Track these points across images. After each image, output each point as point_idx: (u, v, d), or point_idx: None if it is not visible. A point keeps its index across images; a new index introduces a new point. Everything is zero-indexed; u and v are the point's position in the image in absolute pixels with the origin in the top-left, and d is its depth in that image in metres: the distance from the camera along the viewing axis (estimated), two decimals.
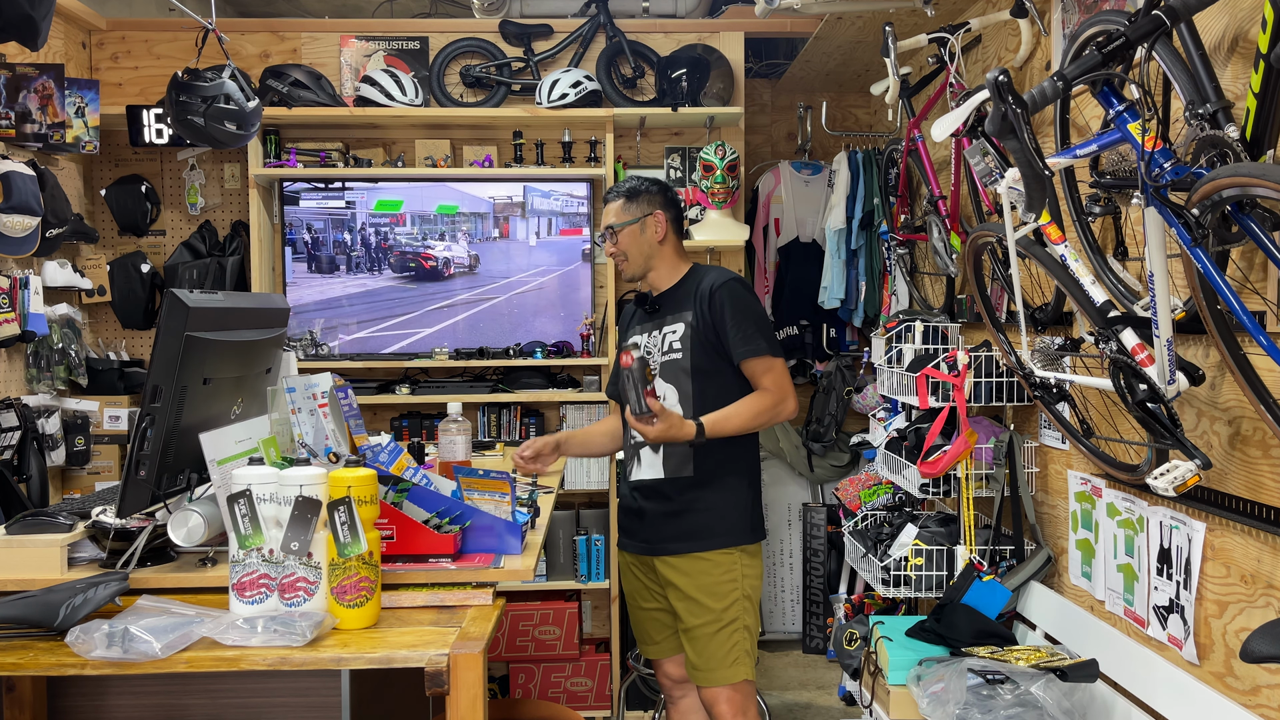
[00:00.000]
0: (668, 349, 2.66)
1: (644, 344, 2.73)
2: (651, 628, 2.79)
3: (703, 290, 2.64)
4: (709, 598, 2.59)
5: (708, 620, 2.59)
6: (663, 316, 2.72)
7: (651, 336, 2.72)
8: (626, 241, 2.72)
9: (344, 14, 5.01)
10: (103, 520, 1.89)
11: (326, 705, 1.78)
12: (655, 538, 2.67)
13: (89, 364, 4.01)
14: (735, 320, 2.59)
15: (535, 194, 4.29)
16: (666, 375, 2.65)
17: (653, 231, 2.72)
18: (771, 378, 2.59)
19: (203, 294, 1.85)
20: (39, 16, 2.28)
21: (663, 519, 2.65)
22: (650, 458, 2.67)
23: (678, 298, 2.71)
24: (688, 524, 2.62)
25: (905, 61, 3.78)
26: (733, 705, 2.61)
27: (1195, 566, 2.11)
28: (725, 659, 2.58)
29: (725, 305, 2.60)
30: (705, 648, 2.59)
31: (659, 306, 2.74)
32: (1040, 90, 1.95)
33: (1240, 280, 1.94)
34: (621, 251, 2.73)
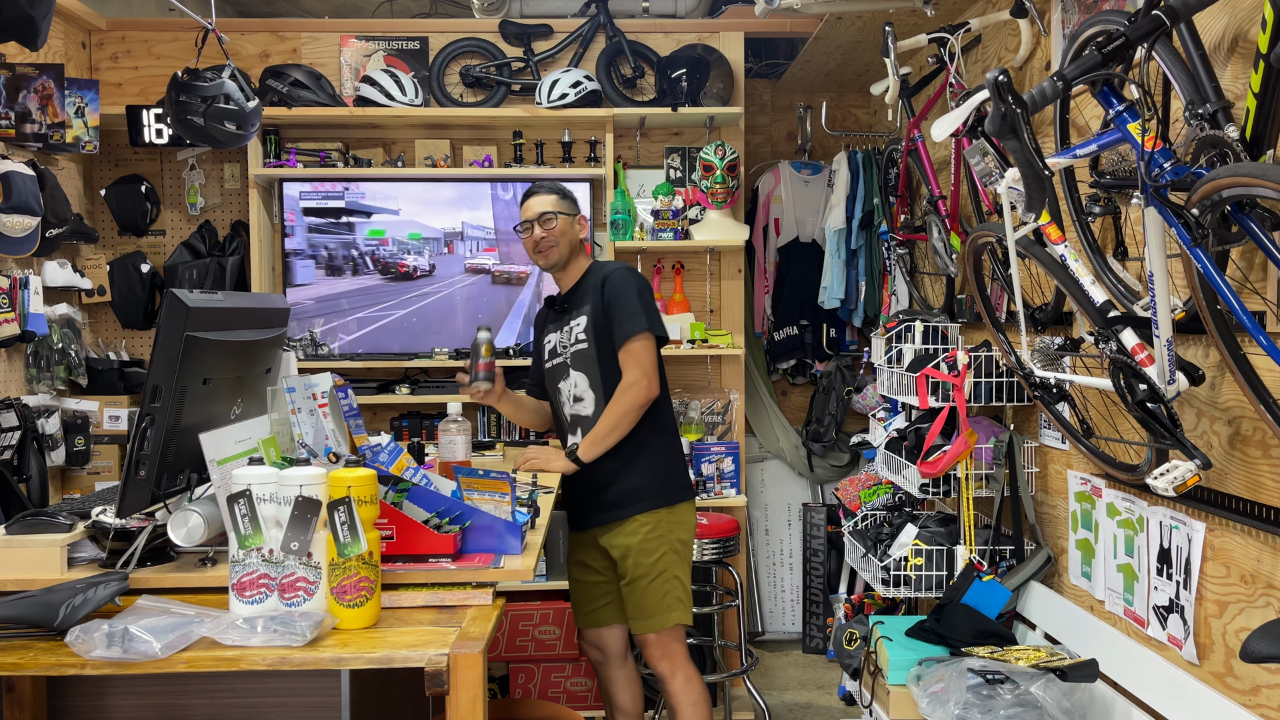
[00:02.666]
0: (574, 340, 2.88)
1: (557, 341, 2.93)
2: (583, 598, 3.01)
3: (598, 283, 2.87)
4: (638, 555, 2.82)
5: (641, 574, 2.82)
6: (569, 312, 2.93)
7: (562, 332, 2.93)
8: (561, 229, 2.88)
9: (344, 14, 5.00)
10: (103, 520, 1.89)
11: (326, 705, 1.78)
12: (587, 511, 2.90)
13: (89, 364, 4.01)
14: (617, 304, 2.80)
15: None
16: (577, 364, 2.88)
17: (579, 229, 2.95)
18: (630, 358, 2.78)
19: (203, 294, 1.85)
20: (39, 16, 2.28)
21: (588, 494, 2.88)
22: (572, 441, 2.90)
23: (581, 292, 2.92)
24: (611, 496, 2.84)
25: (905, 61, 3.78)
26: (659, 649, 2.84)
27: (1195, 566, 2.11)
28: (659, 605, 2.82)
29: (613, 293, 2.82)
30: (640, 599, 2.83)
31: (567, 304, 2.94)
32: (1040, 90, 1.95)
33: (1240, 280, 1.94)
34: (555, 239, 2.87)
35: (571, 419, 2.92)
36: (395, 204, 4.28)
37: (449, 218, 4.30)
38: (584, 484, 2.87)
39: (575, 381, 2.88)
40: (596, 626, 3.02)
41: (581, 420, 2.88)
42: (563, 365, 2.91)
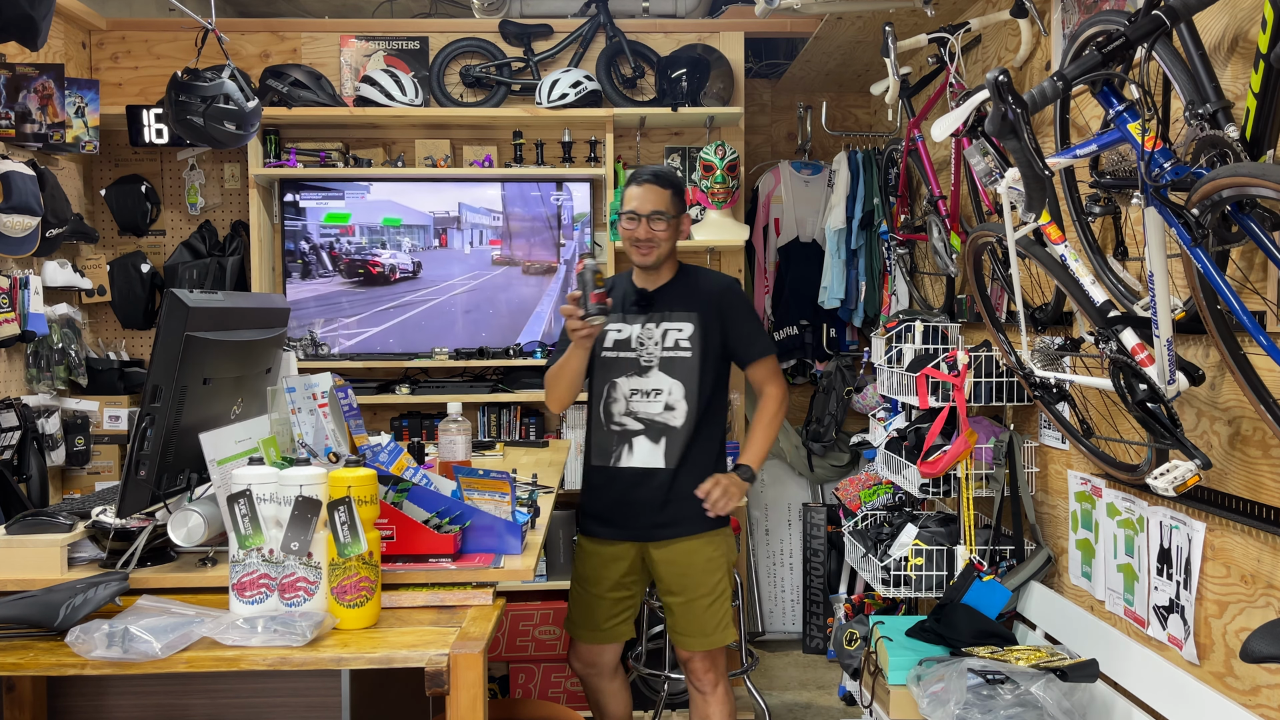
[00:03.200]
0: (673, 345, 2.77)
1: (633, 335, 2.81)
2: (601, 615, 2.86)
3: (710, 292, 2.80)
4: (701, 574, 2.77)
5: (703, 594, 2.76)
6: (660, 311, 2.80)
7: (646, 328, 2.80)
8: (670, 232, 2.76)
9: (344, 14, 5.00)
10: (103, 520, 1.89)
11: (326, 705, 1.78)
12: (649, 524, 2.77)
13: (89, 364, 4.01)
14: (745, 323, 2.81)
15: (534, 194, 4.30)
16: (670, 370, 2.77)
17: (683, 230, 2.83)
18: (776, 380, 2.83)
19: (203, 294, 1.85)
20: (39, 16, 2.28)
21: (658, 507, 2.76)
22: (648, 446, 2.77)
23: (673, 296, 2.81)
24: (683, 509, 2.75)
25: (905, 61, 3.78)
26: (706, 664, 2.81)
27: (1195, 566, 2.11)
28: (718, 626, 2.79)
29: (734, 309, 2.80)
30: (701, 617, 2.77)
31: (653, 301, 2.82)
32: (1040, 90, 1.95)
33: (1240, 280, 1.94)
34: (659, 240, 2.75)
35: (647, 424, 2.77)
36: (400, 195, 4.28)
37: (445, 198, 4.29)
38: (653, 494, 2.76)
39: (664, 388, 2.76)
40: (604, 643, 2.88)
41: (667, 430, 2.75)
42: (633, 362, 2.79)
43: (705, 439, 2.79)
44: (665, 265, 2.83)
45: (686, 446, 2.75)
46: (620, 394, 2.80)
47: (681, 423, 2.76)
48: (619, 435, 2.80)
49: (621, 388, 2.80)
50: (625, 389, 2.79)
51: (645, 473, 2.77)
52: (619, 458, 2.80)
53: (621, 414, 2.80)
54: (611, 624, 2.87)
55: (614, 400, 2.81)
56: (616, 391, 2.81)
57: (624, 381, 2.80)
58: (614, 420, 2.81)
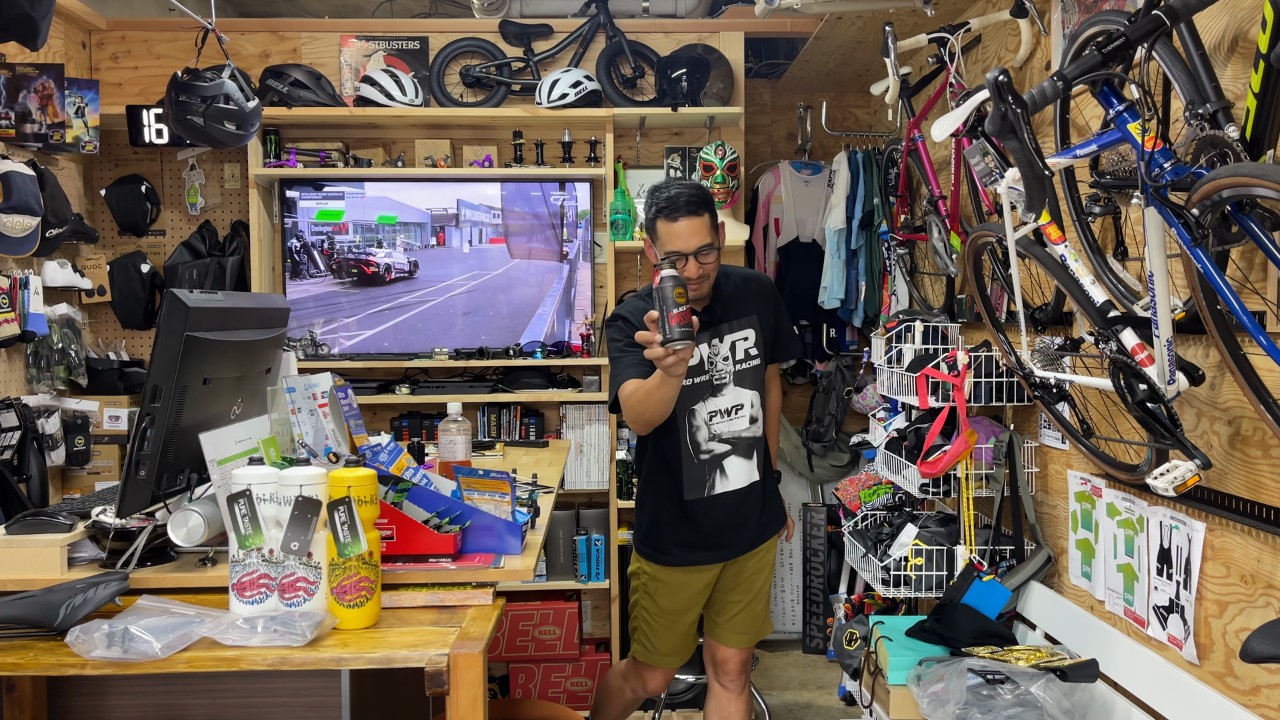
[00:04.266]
0: (743, 356, 2.65)
1: (703, 355, 2.61)
2: (692, 638, 2.86)
3: (758, 294, 2.73)
4: (763, 574, 2.83)
5: (763, 590, 2.83)
6: (719, 324, 2.63)
7: (712, 346, 2.63)
8: (718, 258, 2.55)
9: (344, 14, 5.00)
10: (103, 520, 1.89)
11: (326, 705, 1.78)
12: (746, 540, 2.77)
13: (89, 364, 4.01)
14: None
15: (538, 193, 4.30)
16: (745, 381, 2.67)
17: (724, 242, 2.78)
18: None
19: (203, 294, 1.85)
20: (39, 16, 2.28)
21: (755, 519, 2.77)
22: (741, 464, 2.69)
23: (725, 302, 2.65)
24: (767, 514, 2.81)
25: (905, 61, 3.78)
26: (744, 660, 2.85)
27: (1195, 566, 2.11)
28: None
29: (779, 307, 2.78)
30: (758, 614, 2.83)
31: (711, 314, 2.62)
32: (1040, 90, 1.95)
33: (1240, 280, 1.94)
34: (709, 273, 2.54)
35: (735, 441, 2.64)
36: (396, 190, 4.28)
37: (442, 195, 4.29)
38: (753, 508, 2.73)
39: (743, 401, 2.64)
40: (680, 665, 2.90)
41: (755, 442, 2.67)
42: (708, 384, 2.62)
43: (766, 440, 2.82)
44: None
45: (766, 451, 2.79)
46: (700, 420, 2.64)
47: (760, 431, 2.72)
48: (710, 463, 2.65)
49: (700, 413, 2.63)
50: (704, 413, 2.63)
51: (745, 491, 2.71)
52: (713, 485, 2.67)
53: (708, 440, 2.64)
54: (688, 647, 2.88)
55: (696, 428, 2.64)
56: (697, 419, 2.63)
57: (701, 407, 2.63)
58: (702, 449, 2.64)
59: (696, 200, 2.49)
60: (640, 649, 2.85)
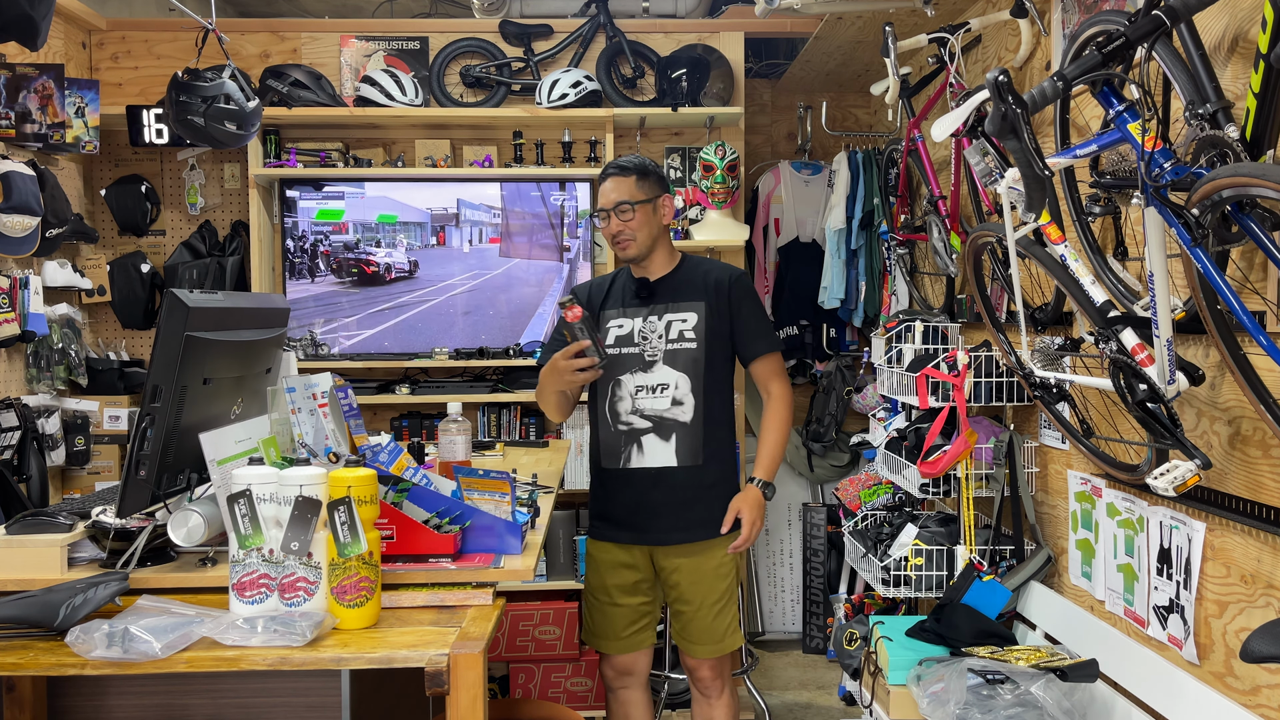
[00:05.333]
0: (677, 337, 2.69)
1: (635, 329, 2.72)
2: (621, 624, 2.77)
3: (715, 282, 2.71)
4: (714, 579, 2.71)
5: (713, 600, 2.71)
6: (662, 303, 2.72)
7: (649, 321, 2.71)
8: (641, 220, 2.67)
9: (344, 14, 5.00)
10: (103, 520, 1.89)
11: (326, 705, 1.78)
12: (662, 527, 2.69)
13: (89, 364, 4.01)
14: (751, 316, 2.72)
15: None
16: (676, 364, 2.69)
17: (663, 214, 2.72)
18: (781, 379, 2.76)
19: (203, 294, 1.85)
20: (38, 16, 2.28)
21: (668, 508, 2.68)
22: (658, 445, 2.69)
23: (678, 284, 2.73)
24: (697, 513, 2.69)
25: (905, 61, 3.78)
26: (715, 671, 2.78)
27: (1195, 566, 2.11)
28: (726, 631, 2.75)
29: (742, 301, 2.71)
30: (711, 625, 2.72)
31: (653, 292, 2.73)
32: (1040, 90, 1.95)
33: (1240, 280, 1.94)
34: (634, 231, 2.67)
35: (656, 420, 2.68)
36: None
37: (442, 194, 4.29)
38: (667, 495, 2.68)
39: (670, 382, 2.68)
40: (633, 651, 2.80)
41: (676, 426, 2.68)
42: (638, 356, 2.70)
43: (718, 435, 2.72)
44: (661, 254, 2.74)
45: (699, 443, 2.68)
46: (626, 391, 2.71)
47: (691, 418, 2.68)
48: (627, 435, 2.72)
49: (626, 385, 2.71)
50: (630, 386, 2.70)
51: (659, 473, 2.69)
52: (628, 458, 2.71)
53: (628, 412, 2.71)
54: (632, 632, 2.79)
55: (619, 399, 2.72)
56: (622, 389, 2.71)
57: (629, 378, 2.71)
58: (620, 419, 2.72)
59: (627, 164, 2.71)
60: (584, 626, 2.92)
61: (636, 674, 2.83)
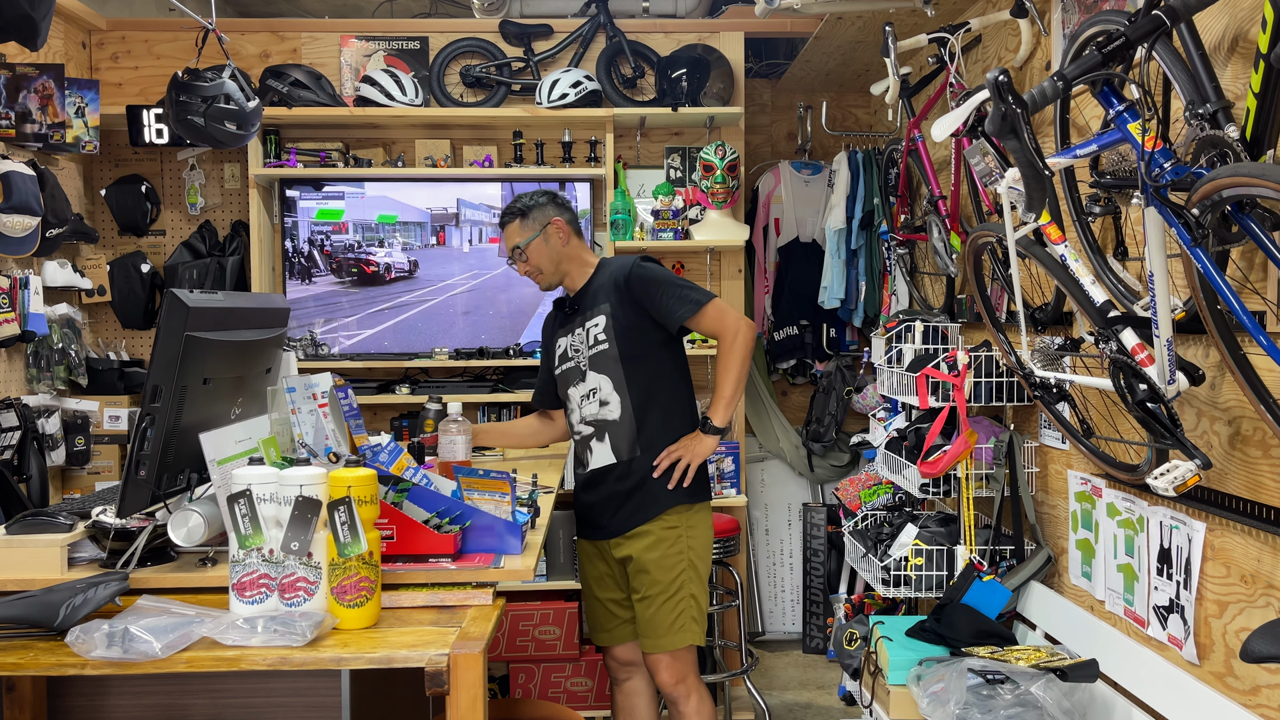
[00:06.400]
0: (594, 342, 2.77)
1: (568, 345, 2.84)
2: (604, 616, 2.89)
3: (614, 280, 2.76)
4: (657, 570, 2.72)
5: (658, 591, 2.72)
6: (583, 314, 2.81)
7: (575, 335, 2.82)
8: (536, 256, 2.80)
9: (344, 14, 5.00)
10: (103, 520, 1.89)
11: (326, 705, 1.78)
12: (610, 522, 2.79)
13: (89, 364, 4.01)
14: (656, 294, 2.71)
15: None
16: (597, 366, 2.77)
17: (556, 239, 2.81)
18: (711, 322, 2.70)
19: (203, 294, 1.85)
20: (39, 16, 2.28)
21: (617, 502, 2.76)
22: (599, 447, 2.79)
23: (592, 293, 2.82)
24: (637, 500, 2.74)
25: (905, 61, 3.78)
26: (672, 673, 2.75)
27: (1195, 566, 2.11)
28: (673, 626, 2.72)
29: (644, 289, 2.72)
30: (654, 617, 2.73)
31: (577, 306, 2.84)
32: (1040, 90, 1.95)
33: (1240, 280, 1.94)
34: (535, 267, 2.81)
35: (595, 424, 2.77)
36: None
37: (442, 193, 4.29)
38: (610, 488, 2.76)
39: (596, 385, 2.76)
40: (622, 642, 2.89)
41: (608, 425, 2.75)
42: (575, 369, 2.80)
43: (656, 426, 2.74)
44: (574, 272, 2.84)
45: (634, 437, 2.73)
46: (574, 404, 2.84)
47: (618, 415, 2.74)
48: (580, 443, 2.84)
49: (573, 397, 2.84)
50: (576, 397, 2.83)
51: (605, 471, 2.78)
52: (585, 464, 2.84)
53: (579, 422, 2.83)
54: (615, 625, 2.88)
55: (571, 410, 2.86)
56: (571, 402, 2.85)
57: (573, 391, 2.83)
58: (575, 430, 2.86)
59: (510, 210, 2.84)
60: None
61: (637, 664, 2.90)
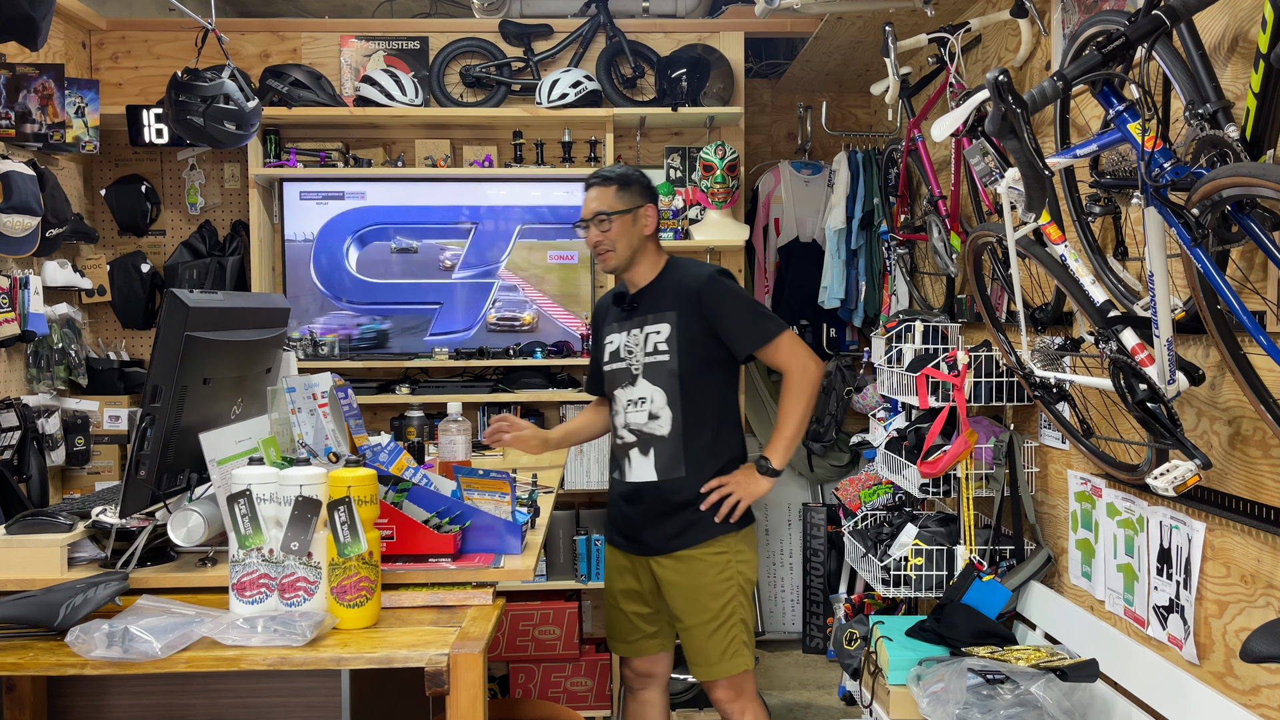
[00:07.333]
0: (652, 350, 2.63)
1: (621, 344, 2.70)
2: (626, 628, 2.78)
3: (686, 290, 2.61)
4: (706, 597, 2.61)
5: (706, 619, 2.61)
6: (643, 315, 2.67)
7: (631, 335, 2.68)
8: (619, 232, 2.64)
9: (344, 14, 5.00)
10: (103, 520, 1.89)
11: (326, 705, 1.78)
12: (650, 539, 2.66)
13: (89, 364, 4.01)
14: (729, 316, 2.59)
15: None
16: (652, 377, 2.63)
17: (644, 224, 2.67)
18: (784, 356, 2.59)
19: (203, 294, 1.85)
20: (39, 16, 2.28)
21: (657, 520, 2.65)
22: (640, 460, 2.66)
23: (657, 294, 2.67)
24: (680, 521, 2.62)
25: (905, 61, 3.78)
26: (728, 692, 2.67)
27: (1195, 566, 2.11)
28: (725, 654, 2.62)
29: (718, 304, 2.59)
30: (704, 645, 2.62)
31: (637, 305, 2.70)
32: (1040, 90, 1.95)
33: (1240, 280, 1.94)
34: (612, 241, 2.64)
35: (638, 435, 2.64)
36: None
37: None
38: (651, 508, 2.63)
39: (647, 395, 2.62)
40: (641, 655, 2.78)
41: (654, 440, 2.62)
42: (625, 371, 2.66)
43: (704, 449, 2.62)
44: (644, 264, 2.69)
45: (682, 455, 2.61)
46: (619, 405, 2.70)
47: (667, 432, 2.61)
48: (620, 448, 2.72)
49: (619, 400, 2.70)
50: (622, 400, 2.69)
51: (640, 488, 2.66)
52: (622, 471, 2.72)
53: (621, 426, 2.70)
54: (638, 638, 2.77)
55: (616, 412, 2.73)
56: (617, 403, 2.72)
57: (620, 393, 2.70)
58: (617, 433, 2.72)
59: (609, 174, 2.69)
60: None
61: (656, 676, 2.82)
